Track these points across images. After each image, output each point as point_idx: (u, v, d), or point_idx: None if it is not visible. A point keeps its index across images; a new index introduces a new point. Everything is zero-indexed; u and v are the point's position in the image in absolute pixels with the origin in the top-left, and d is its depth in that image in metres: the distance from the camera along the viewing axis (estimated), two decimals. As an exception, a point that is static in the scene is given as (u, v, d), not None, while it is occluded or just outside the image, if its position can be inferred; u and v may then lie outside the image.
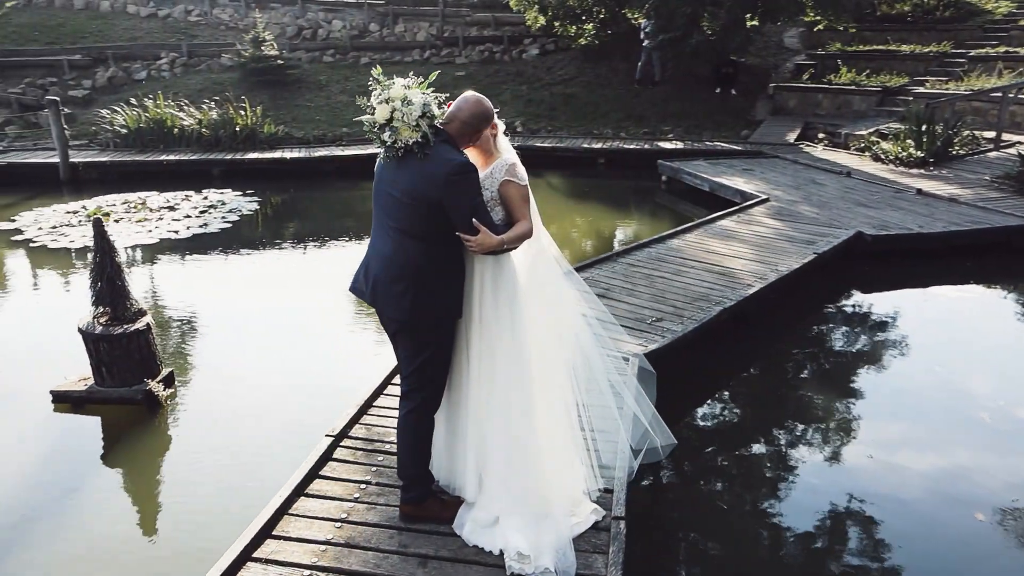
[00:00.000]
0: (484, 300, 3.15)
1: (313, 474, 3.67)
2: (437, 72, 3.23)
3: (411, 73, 3.40)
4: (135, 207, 10.63)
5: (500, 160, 3.20)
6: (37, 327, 6.74)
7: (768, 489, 4.43)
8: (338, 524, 3.33)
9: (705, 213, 9.28)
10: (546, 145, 14.69)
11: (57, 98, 12.60)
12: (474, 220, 2.96)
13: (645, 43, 16.64)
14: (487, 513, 3.23)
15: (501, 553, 3.11)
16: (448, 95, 3.20)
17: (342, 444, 3.95)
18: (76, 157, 12.71)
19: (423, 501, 3.30)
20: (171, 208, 10.65)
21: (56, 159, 12.42)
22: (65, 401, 5.11)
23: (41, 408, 5.13)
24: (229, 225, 9.93)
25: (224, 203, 11.03)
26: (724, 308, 5.89)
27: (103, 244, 4.96)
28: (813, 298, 7.30)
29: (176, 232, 9.47)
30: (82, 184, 12.35)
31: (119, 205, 10.75)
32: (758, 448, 4.85)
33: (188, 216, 10.23)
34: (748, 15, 15.53)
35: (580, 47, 18.06)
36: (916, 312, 7.13)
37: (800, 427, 5.06)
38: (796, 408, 5.36)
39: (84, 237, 9.15)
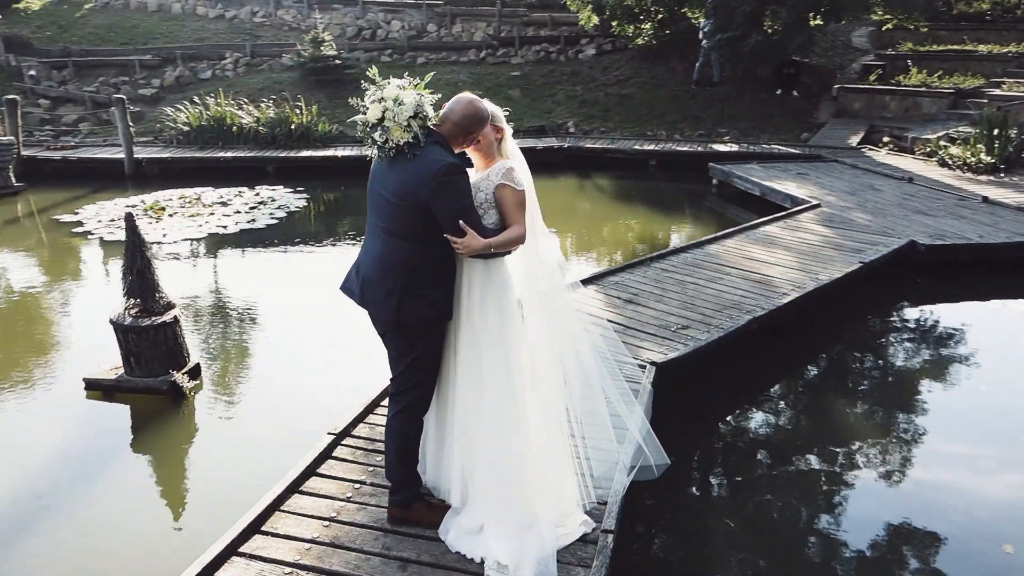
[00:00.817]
0: (472, 304, 3.11)
1: (310, 471, 3.69)
2: (430, 76, 3.18)
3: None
4: (190, 202, 10.98)
5: (499, 163, 3.16)
6: (82, 316, 7.02)
7: (779, 514, 4.23)
8: (326, 523, 3.33)
9: (754, 218, 9.01)
10: (596, 146, 14.54)
11: (124, 96, 13.14)
12: (461, 222, 2.92)
13: (704, 43, 16.31)
14: (472, 520, 3.18)
15: (482, 561, 3.06)
16: (440, 96, 3.17)
17: (343, 443, 3.96)
18: (140, 153, 13.23)
19: (409, 504, 3.28)
20: (223, 204, 10.96)
21: (122, 155, 12.95)
22: (97, 389, 5.29)
23: (75, 394, 5.33)
24: (276, 221, 10.15)
25: (274, 199, 11.29)
26: (754, 317, 5.69)
27: (134, 239, 5.12)
28: (856, 310, 6.99)
29: (224, 227, 9.74)
30: (145, 179, 12.84)
31: (175, 200, 11.13)
32: (772, 469, 4.65)
33: (238, 212, 10.51)
34: (812, 14, 15.02)
35: (637, 47, 17.82)
36: (969, 327, 6.74)
37: (822, 447, 4.83)
38: (820, 426, 5.12)
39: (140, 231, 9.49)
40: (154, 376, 5.19)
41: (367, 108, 3.09)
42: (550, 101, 17.33)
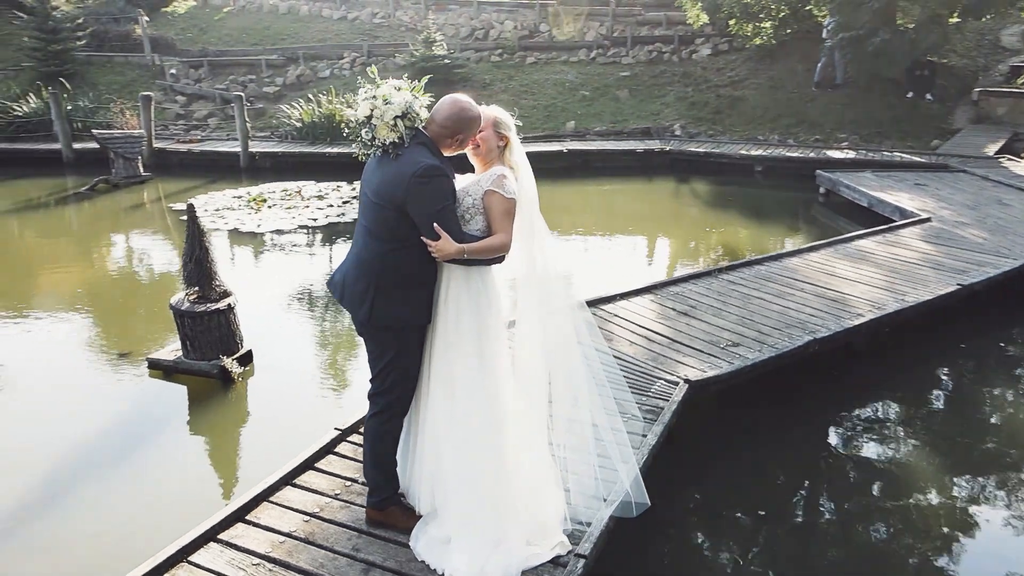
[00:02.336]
0: (448, 312, 3.04)
1: (307, 465, 3.74)
2: (426, 79, 3.13)
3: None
4: (290, 195, 11.52)
5: (493, 169, 3.07)
6: (165, 298, 7.49)
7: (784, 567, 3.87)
8: (307, 519, 3.36)
9: (859, 230, 8.35)
10: (700, 150, 14.03)
11: (242, 94, 13.99)
12: (435, 225, 2.86)
13: (827, 42, 15.35)
14: (442, 531, 3.11)
15: (443, 574, 2.98)
16: (433, 97, 3.10)
17: (349, 439, 3.99)
18: (255, 147, 14.03)
19: (386, 507, 3.25)
20: (320, 197, 11.43)
21: (239, 149, 13.79)
22: (157, 368, 5.63)
23: (139, 372, 5.70)
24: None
25: (368, 195, 11.63)
26: (814, 339, 5.25)
27: (194, 229, 5.39)
28: (950, 338, 6.32)
29: (315, 219, 10.14)
30: (258, 172, 13.60)
31: (278, 192, 11.72)
32: (793, 515, 4.26)
33: (331, 205, 10.92)
34: (948, 11, 13.78)
35: (755, 47, 17.02)
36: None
37: (856, 496, 4.38)
38: (862, 469, 4.62)
39: (238, 221, 10.07)
40: (207, 360, 5.45)
41: (359, 106, 3.08)
42: (658, 103, 16.89)
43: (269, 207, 10.79)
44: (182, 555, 3.09)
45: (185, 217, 5.43)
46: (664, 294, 6.17)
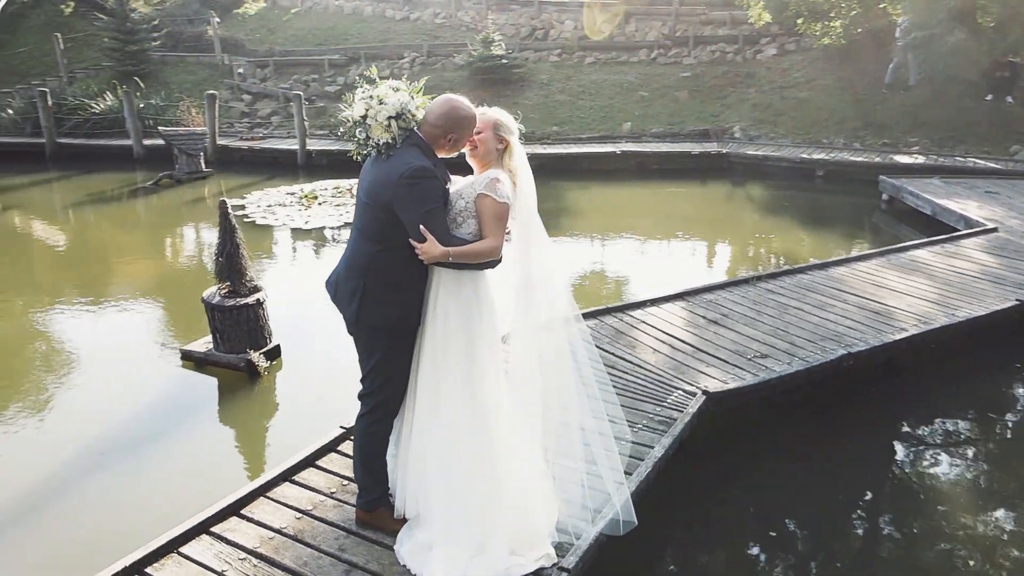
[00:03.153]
0: (436, 317, 3.00)
1: (308, 462, 3.76)
2: (426, 78, 3.10)
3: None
4: (341, 192, 11.71)
5: (488, 172, 3.02)
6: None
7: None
8: (299, 516, 3.37)
9: (921, 239, 7.94)
10: (758, 153, 13.65)
11: (302, 92, 14.29)
12: (422, 227, 2.83)
13: (900, 42, 14.70)
14: (427, 536, 3.07)
15: (422, 580, 2.94)
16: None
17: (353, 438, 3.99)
18: (313, 145, 14.35)
19: (374, 508, 3.23)
20: (370, 195, 11.56)
21: (296, 146, 14.12)
22: (189, 359, 5.78)
23: (172, 362, 5.87)
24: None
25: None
26: (848, 353, 5.00)
27: (226, 225, 5.51)
28: (1006, 358, 5.93)
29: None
30: (314, 169, 13.89)
31: (330, 189, 11.93)
32: (807, 542, 4.04)
33: (380, 203, 11.03)
34: (1032, 8, 12.99)
35: (823, 47, 16.42)
36: None
37: (881, 524, 4.12)
38: (893, 493, 4.36)
39: (288, 217, 10.29)
40: (235, 353, 5.57)
41: (355, 105, 3.07)
42: (719, 104, 16.50)
43: (320, 204, 10.99)
44: (173, 546, 3.13)
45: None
46: (696, 301, 5.98)
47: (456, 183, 3.08)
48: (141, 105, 15.40)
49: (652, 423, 4.15)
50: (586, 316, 5.54)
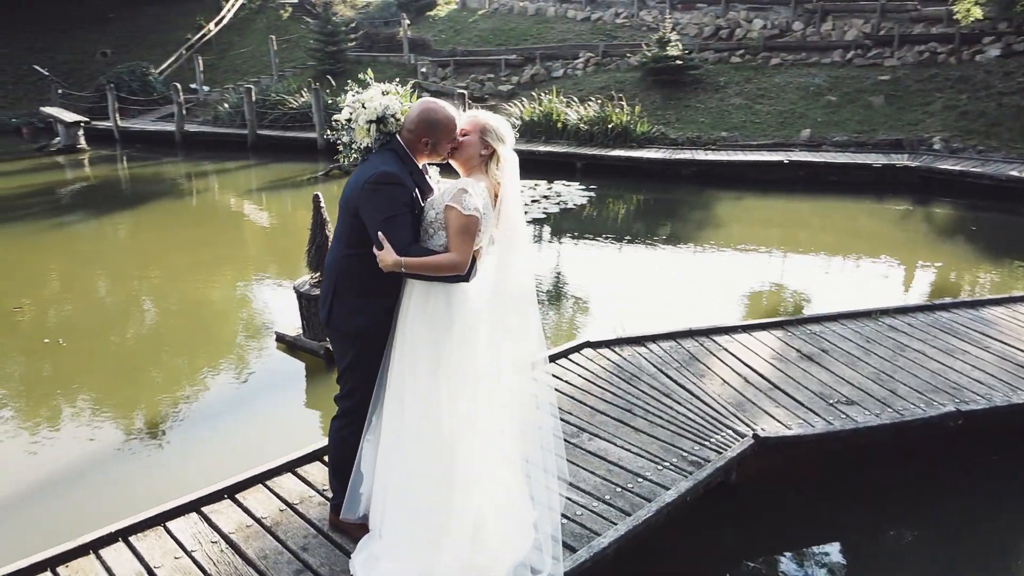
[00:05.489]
0: (405, 330, 2.91)
1: (315, 456, 3.80)
2: (413, 82, 2.99)
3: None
4: (486, 190, 11.90)
5: (460, 180, 2.89)
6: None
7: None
8: (283, 509, 3.42)
9: None
10: (955, 168, 12.00)
11: (469, 91, 14.71)
12: (380, 234, 2.74)
13: None
14: (381, 548, 2.99)
15: (363, 594, 2.87)
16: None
17: (369, 437, 3.99)
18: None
19: (340, 513, 3.20)
20: (514, 195, 11.63)
21: (458, 143, 14.58)
22: (282, 342, 6.14)
23: (268, 343, 6.27)
24: (543, 216, 10.47)
25: (560, 195, 11.63)
26: (959, 410, 4.19)
27: (318, 218, 5.76)
28: None
29: (496, 216, 10.35)
30: (473, 167, 14.25)
31: (478, 187, 12.15)
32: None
33: (518, 203, 11.06)
34: None
35: (1058, 47, 14.10)
36: None
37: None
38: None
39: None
40: (317, 341, 5.82)
41: (344, 108, 3.07)
42: (920, 111, 14.73)
43: (462, 201, 11.24)
44: (161, 519, 3.30)
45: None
46: (796, 332, 5.34)
47: (436, 191, 2.96)
48: (330, 101, 16.68)
49: (682, 463, 3.75)
50: (660, 338, 5.19)
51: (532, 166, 13.72)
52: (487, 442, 2.95)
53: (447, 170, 3.14)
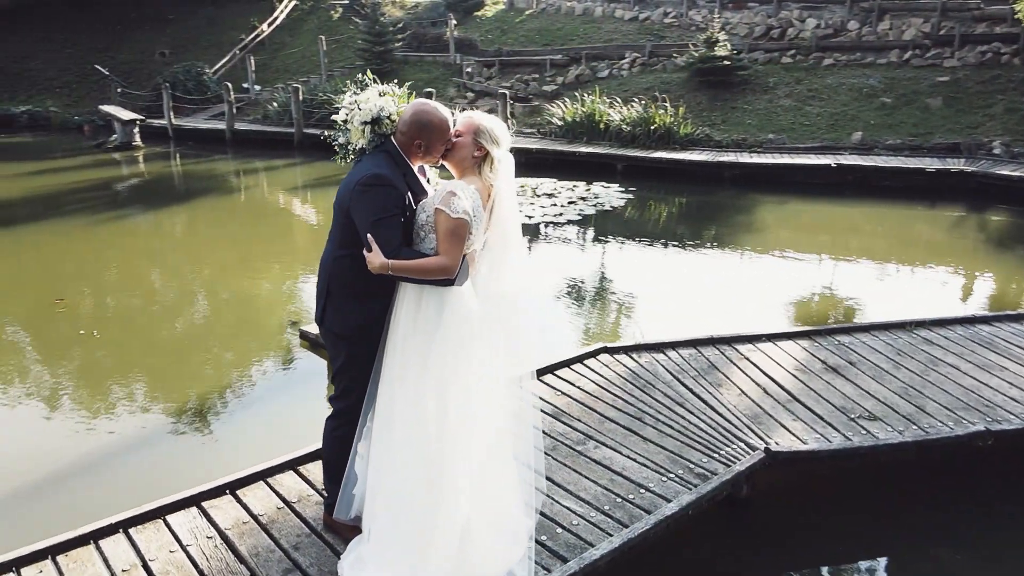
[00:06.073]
0: (396, 333, 2.90)
1: (316, 455, 3.78)
2: (409, 83, 2.96)
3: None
4: (523, 190, 11.86)
5: (450, 183, 2.86)
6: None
7: None
8: (281, 506, 3.44)
9: None
10: (1014, 174, 11.50)
11: (512, 91, 14.69)
12: (369, 235, 2.73)
13: None
14: (368, 552, 2.97)
15: (349, 598, 2.86)
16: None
17: (373, 437, 3.99)
18: (514, 143, 14.62)
19: (332, 513, 3.20)
20: (551, 195, 11.57)
21: (499, 143, 14.56)
22: (306, 339, 6.20)
23: (293, 339, 6.34)
24: (579, 218, 10.37)
25: (597, 196, 11.51)
26: (989, 429, 3.97)
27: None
28: None
29: (530, 217, 10.30)
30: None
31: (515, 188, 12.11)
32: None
33: (555, 204, 11.00)
34: None
35: None
36: None
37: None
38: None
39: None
40: (339, 337, 5.86)
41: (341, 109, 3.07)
42: (980, 114, 14.16)
43: (499, 201, 11.21)
44: (160, 512, 3.35)
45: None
46: (823, 343, 5.15)
47: (430, 193, 2.93)
48: (374, 101, 16.86)
49: (688, 475, 3.64)
50: (680, 345, 5.07)
51: (572, 167, 13.65)
52: (478, 448, 2.91)
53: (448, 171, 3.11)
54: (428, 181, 3.07)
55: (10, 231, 10.57)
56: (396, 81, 3.34)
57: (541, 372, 4.67)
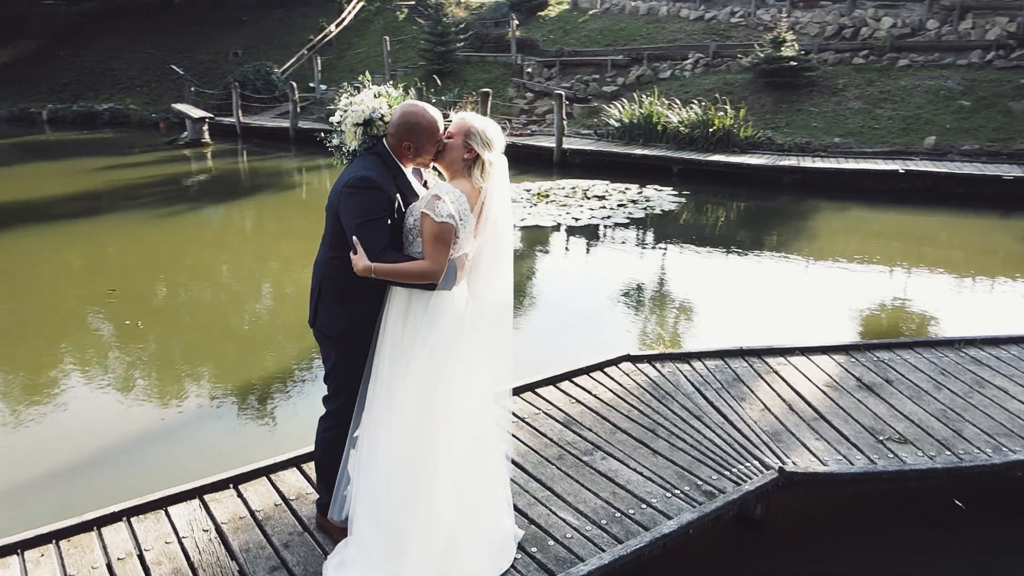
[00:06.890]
0: (385, 337, 2.89)
1: (321, 453, 3.84)
2: (404, 85, 2.93)
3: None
4: (575, 191, 11.73)
5: (436, 187, 2.84)
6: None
7: None
8: (279, 503, 3.46)
9: None
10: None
11: (571, 92, 14.56)
12: (354, 237, 2.72)
13: None
14: (349, 555, 2.96)
15: (329, 601, 2.85)
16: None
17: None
18: (570, 144, 14.56)
19: (323, 513, 3.20)
20: (601, 197, 11.41)
21: (553, 144, 14.47)
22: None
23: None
24: (627, 221, 10.18)
25: (649, 199, 11.29)
26: (1030, 460, 3.69)
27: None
28: None
29: (576, 219, 10.17)
30: (568, 168, 14.11)
31: (566, 189, 12.01)
32: None
33: (604, 207, 10.84)
34: None
35: None
36: None
37: None
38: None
39: (524, 214, 10.58)
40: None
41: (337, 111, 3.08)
42: (1069, 121, 13.27)
43: (548, 202, 11.13)
44: (163, 503, 3.42)
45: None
46: (860, 358, 4.89)
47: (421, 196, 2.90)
48: (433, 100, 17.01)
49: (695, 492, 3.50)
50: (707, 356, 4.91)
51: (627, 170, 13.44)
52: (464, 455, 2.86)
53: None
54: (425, 184, 3.04)
55: (92, 221, 11.15)
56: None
57: (558, 379, 4.60)
